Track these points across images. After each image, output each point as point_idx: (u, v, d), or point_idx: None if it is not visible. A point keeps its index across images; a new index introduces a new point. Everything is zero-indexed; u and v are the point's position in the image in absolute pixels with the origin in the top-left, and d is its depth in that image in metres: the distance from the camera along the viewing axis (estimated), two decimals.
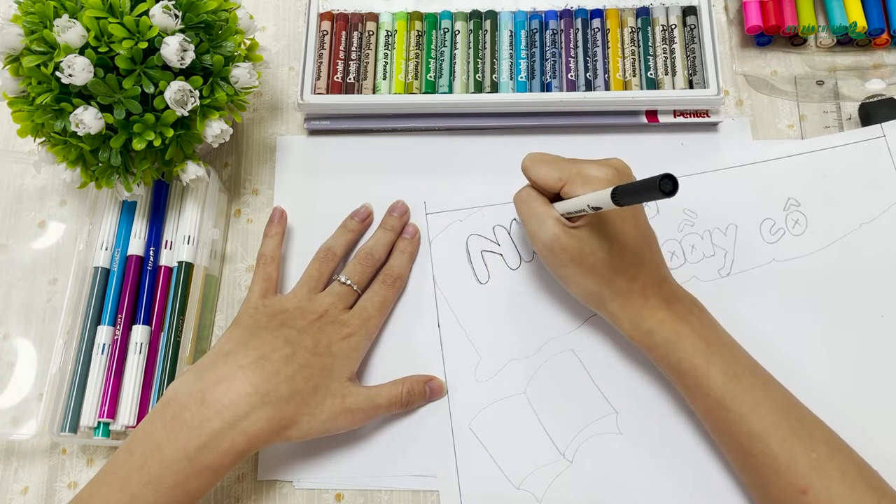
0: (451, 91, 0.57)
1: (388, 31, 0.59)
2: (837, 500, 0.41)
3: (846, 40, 0.59)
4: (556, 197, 0.47)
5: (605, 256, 0.45)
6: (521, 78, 0.57)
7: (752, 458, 0.43)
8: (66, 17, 0.46)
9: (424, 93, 0.57)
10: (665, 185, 0.35)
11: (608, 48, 0.58)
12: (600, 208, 0.42)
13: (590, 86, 0.57)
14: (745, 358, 0.46)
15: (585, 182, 0.45)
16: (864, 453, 0.43)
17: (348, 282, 0.52)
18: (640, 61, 0.57)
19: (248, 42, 0.53)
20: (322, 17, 0.60)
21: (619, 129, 0.58)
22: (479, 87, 0.57)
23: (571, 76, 0.57)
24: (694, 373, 0.45)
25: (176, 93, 0.47)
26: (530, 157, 0.48)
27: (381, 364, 0.53)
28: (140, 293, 0.53)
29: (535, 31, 0.59)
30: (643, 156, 0.57)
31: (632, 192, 0.39)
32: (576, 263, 0.46)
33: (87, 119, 0.46)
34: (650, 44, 0.58)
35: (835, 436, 0.44)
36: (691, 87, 0.56)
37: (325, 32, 0.59)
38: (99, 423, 0.50)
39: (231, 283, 0.57)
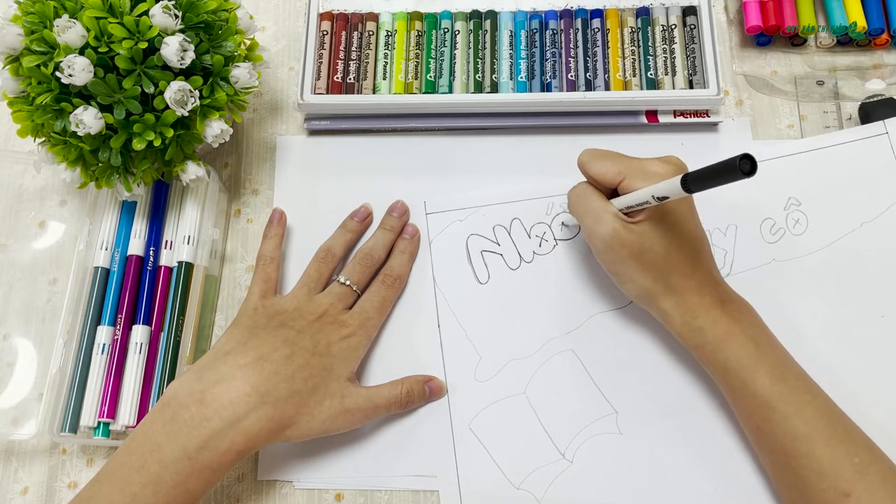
0: (451, 91, 0.57)
1: (388, 31, 0.59)
2: None
3: (846, 40, 0.59)
4: (611, 193, 0.47)
5: (663, 252, 0.45)
6: (521, 78, 0.57)
7: (794, 461, 0.43)
8: (66, 17, 0.46)
9: (424, 93, 0.57)
10: (744, 166, 0.34)
11: (608, 48, 0.58)
12: (666, 198, 0.41)
13: (590, 86, 0.57)
14: (792, 362, 0.46)
15: (647, 177, 0.44)
16: None
17: (347, 282, 0.52)
18: (640, 61, 0.57)
19: (248, 42, 0.53)
20: (322, 17, 0.60)
21: (619, 129, 0.58)
22: (479, 87, 0.57)
23: (571, 76, 0.57)
24: (741, 373, 0.45)
25: (176, 93, 0.47)
26: (588, 153, 0.48)
27: (380, 364, 0.53)
28: (140, 293, 0.53)
29: (535, 31, 0.59)
30: (643, 156, 0.57)
31: (705, 177, 0.37)
32: (634, 259, 0.45)
33: (87, 119, 0.46)
34: (650, 44, 0.58)
35: (873, 442, 0.44)
36: (691, 87, 0.56)
37: (325, 32, 0.59)
38: (99, 423, 0.50)
39: (231, 283, 0.57)
